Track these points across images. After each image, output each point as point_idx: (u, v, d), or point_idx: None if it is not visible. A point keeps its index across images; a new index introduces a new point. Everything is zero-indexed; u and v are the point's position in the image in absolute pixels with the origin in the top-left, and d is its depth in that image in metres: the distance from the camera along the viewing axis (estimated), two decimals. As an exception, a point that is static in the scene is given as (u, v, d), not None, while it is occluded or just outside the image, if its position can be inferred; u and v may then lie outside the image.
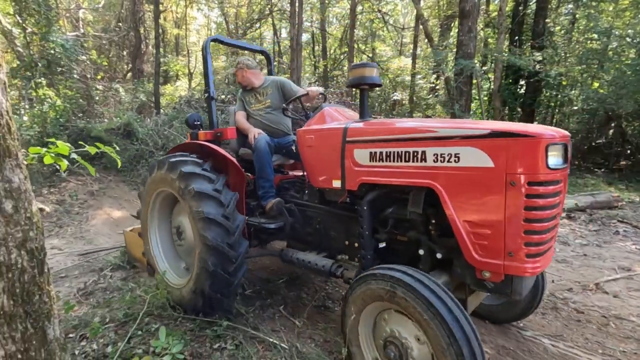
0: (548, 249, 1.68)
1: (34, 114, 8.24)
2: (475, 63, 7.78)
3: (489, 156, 1.62)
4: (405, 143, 1.92)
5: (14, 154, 1.03)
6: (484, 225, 1.66)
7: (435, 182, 1.79)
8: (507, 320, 2.59)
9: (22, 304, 1.08)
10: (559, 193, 1.65)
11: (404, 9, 21.45)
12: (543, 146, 1.52)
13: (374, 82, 2.17)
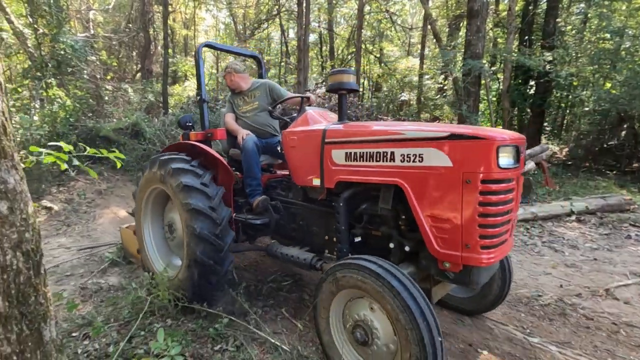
0: (503, 242, 1.84)
1: (44, 114, 8.35)
2: (483, 63, 7.68)
3: (448, 156, 1.78)
4: (376, 144, 2.08)
5: (9, 155, 1.03)
6: (444, 219, 1.82)
7: (402, 180, 1.96)
8: (477, 311, 2.72)
9: (18, 305, 1.08)
10: (511, 190, 1.80)
11: (412, 9, 21.33)
12: (494, 148, 1.67)
13: (351, 87, 2.31)
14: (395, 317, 1.63)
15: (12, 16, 9.32)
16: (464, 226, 1.76)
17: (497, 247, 1.79)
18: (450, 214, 1.79)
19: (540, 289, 3.25)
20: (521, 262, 4.00)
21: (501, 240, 1.82)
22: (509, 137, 1.75)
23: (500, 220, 1.77)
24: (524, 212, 5.54)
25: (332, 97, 10.12)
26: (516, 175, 1.84)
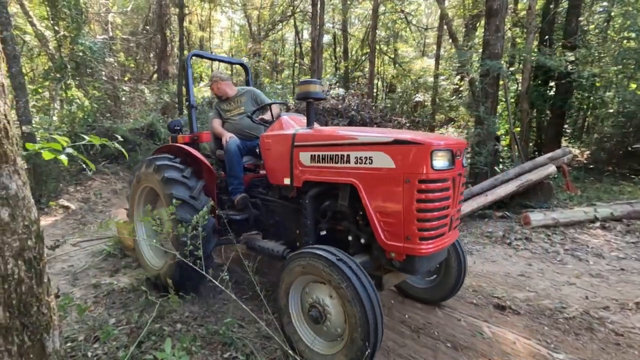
0: (441, 234, 2.11)
1: (63, 114, 8.53)
2: (502, 64, 7.46)
3: (391, 159, 2.04)
4: (336, 148, 2.35)
5: (11, 160, 0.99)
6: (389, 214, 2.09)
7: (355, 180, 2.22)
8: (434, 300, 2.97)
9: (19, 316, 1.04)
10: (446, 189, 2.06)
11: (427, 9, 21.03)
12: (428, 152, 1.93)
13: (317, 96, 2.56)
14: (344, 297, 1.86)
15: (34, 19, 9.57)
16: (404, 220, 2.03)
17: (434, 238, 2.07)
18: (393, 209, 2.07)
19: (564, 301, 3.09)
20: (542, 271, 3.83)
21: (439, 233, 2.09)
22: (444, 142, 2.02)
23: (436, 215, 2.04)
24: (545, 217, 5.34)
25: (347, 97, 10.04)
26: (452, 175, 2.09)
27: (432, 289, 2.96)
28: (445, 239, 2.15)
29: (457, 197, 2.22)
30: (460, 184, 2.23)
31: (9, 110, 0.99)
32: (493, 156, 7.40)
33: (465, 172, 2.32)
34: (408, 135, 2.07)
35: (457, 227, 2.38)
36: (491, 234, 5.08)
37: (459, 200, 2.28)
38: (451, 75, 15.54)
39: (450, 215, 2.18)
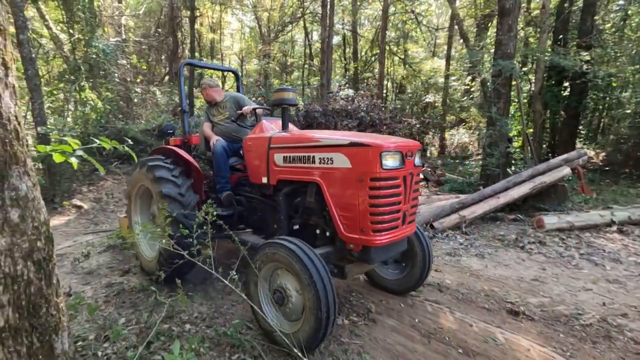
0: (393, 227, 2.34)
1: (76, 116, 8.68)
2: (515, 64, 7.33)
3: (348, 159, 2.29)
4: (303, 149, 2.59)
5: (21, 161, 0.99)
6: (347, 209, 2.34)
7: (319, 179, 2.47)
8: (403, 291, 3.16)
9: (28, 317, 1.03)
10: (397, 186, 2.29)
11: (438, 9, 20.85)
12: (377, 153, 2.16)
13: (291, 102, 2.86)
14: (302, 282, 2.07)
15: (50, 22, 9.77)
16: (359, 215, 2.27)
17: (387, 231, 2.29)
18: (350, 205, 2.31)
19: (580, 307, 3.00)
20: (557, 276, 3.73)
21: (391, 226, 2.31)
22: (394, 144, 2.26)
23: (387, 210, 2.26)
24: (559, 220, 5.22)
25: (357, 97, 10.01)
26: (402, 174, 2.32)
27: (400, 280, 3.16)
28: (398, 232, 2.39)
29: (410, 194, 2.44)
30: (414, 182, 2.45)
31: (19, 112, 0.99)
32: (505, 158, 7.27)
33: (419, 171, 2.56)
34: (363, 138, 2.32)
35: (413, 221, 2.61)
36: (503, 237, 4.98)
37: (413, 196, 2.49)
38: (462, 76, 15.36)
39: (403, 210, 2.40)
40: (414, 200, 2.52)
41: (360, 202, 2.25)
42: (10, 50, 0.95)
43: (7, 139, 0.94)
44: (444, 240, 4.94)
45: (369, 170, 2.19)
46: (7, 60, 0.94)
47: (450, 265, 4.03)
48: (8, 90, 0.95)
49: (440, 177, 9.21)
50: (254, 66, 22.35)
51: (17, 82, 1.01)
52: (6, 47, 0.93)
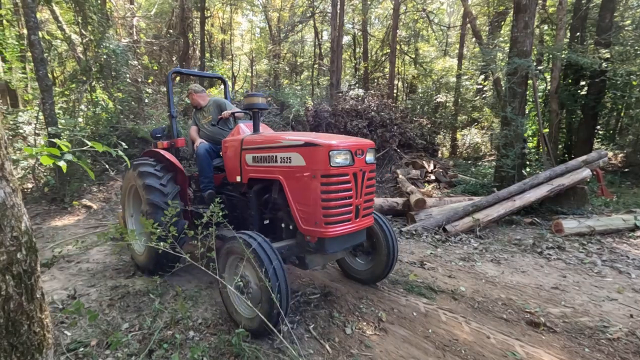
0: (345, 220, 2.56)
1: (87, 116, 8.73)
2: (531, 62, 7.09)
3: (303, 158, 2.52)
4: (268, 150, 2.84)
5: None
6: (303, 204, 2.55)
7: (280, 176, 2.71)
8: (372, 280, 3.34)
9: (7, 335, 0.94)
10: (347, 182, 2.52)
11: (449, 8, 20.53)
12: (326, 152, 2.40)
13: (261, 107, 3.14)
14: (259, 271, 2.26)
15: (64, 24, 9.87)
16: (313, 208, 2.48)
17: (338, 223, 2.52)
18: (306, 200, 2.53)
19: (605, 319, 2.82)
20: (579, 284, 3.54)
21: (343, 219, 2.53)
22: (342, 144, 2.50)
23: (338, 204, 2.49)
24: (579, 224, 5.00)
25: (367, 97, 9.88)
26: (352, 171, 2.54)
27: (368, 270, 3.33)
28: (351, 225, 2.60)
29: (362, 189, 2.64)
30: (366, 178, 2.67)
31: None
32: (520, 159, 7.04)
33: (371, 169, 2.75)
34: (317, 139, 2.52)
35: (369, 215, 2.81)
36: (520, 242, 4.79)
37: (366, 192, 2.69)
38: (475, 75, 15.05)
39: (356, 205, 2.61)
40: (367, 196, 2.72)
41: (313, 197, 2.47)
42: None
43: (-19, 140, 0.85)
44: (457, 245, 4.78)
45: (319, 167, 2.44)
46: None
47: (465, 271, 3.87)
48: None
49: (452, 178, 8.99)
50: (264, 66, 22.36)
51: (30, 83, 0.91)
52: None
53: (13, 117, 7.63)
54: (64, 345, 2.35)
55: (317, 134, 3.03)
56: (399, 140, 10.16)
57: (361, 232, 2.80)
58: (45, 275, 3.70)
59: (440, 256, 4.35)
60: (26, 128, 7.51)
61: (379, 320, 2.75)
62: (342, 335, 2.54)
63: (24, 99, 11.00)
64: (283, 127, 9.50)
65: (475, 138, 16.38)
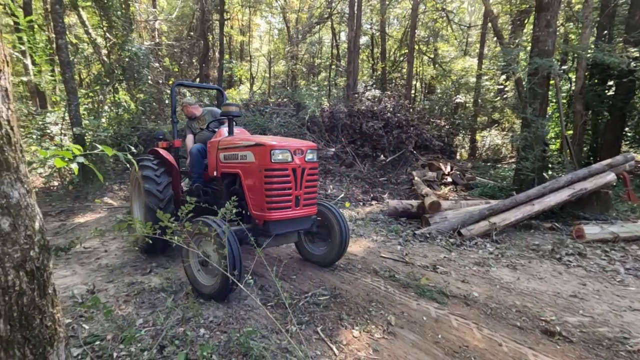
0: (286, 207, 3.15)
1: (110, 117, 9.04)
2: (553, 61, 6.87)
3: (254, 156, 3.18)
4: (233, 149, 3.48)
5: (13, 167, 0.95)
6: (253, 193, 3.19)
7: (239, 171, 3.36)
8: (327, 263, 3.83)
9: (21, 329, 1.00)
10: (286, 176, 3.12)
11: (470, 7, 20.14)
12: (269, 150, 3.03)
13: (235, 114, 3.75)
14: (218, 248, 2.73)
15: (90, 28, 10.25)
16: (260, 196, 3.11)
17: (279, 209, 3.11)
18: (255, 189, 3.18)
19: (626, 329, 2.70)
20: (599, 293, 3.41)
21: (283, 206, 3.13)
22: (282, 144, 3.13)
23: (278, 193, 3.10)
24: (602, 230, 4.82)
25: (383, 98, 9.79)
26: (291, 167, 3.14)
27: (323, 255, 3.84)
28: (291, 211, 3.19)
29: (302, 183, 3.22)
30: (306, 173, 3.25)
31: (13, 116, 0.95)
32: (541, 161, 6.83)
33: (313, 166, 3.34)
34: (263, 140, 3.17)
35: (311, 205, 3.37)
36: (538, 247, 4.65)
37: (306, 185, 3.27)
38: (495, 75, 14.70)
39: (295, 195, 3.20)
40: (308, 189, 3.29)
41: (259, 187, 3.10)
42: (4, 53, 0.92)
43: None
44: (472, 249, 4.68)
45: (264, 163, 3.06)
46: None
47: (479, 277, 3.79)
48: (0, 94, 0.91)
49: (469, 180, 8.82)
50: (282, 67, 22.53)
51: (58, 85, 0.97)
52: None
53: (41, 118, 7.97)
54: (81, 339, 2.45)
55: (270, 137, 3.59)
56: (415, 142, 10.04)
57: (305, 219, 3.38)
58: (67, 270, 3.86)
59: (454, 260, 4.28)
60: (53, 128, 7.83)
61: (388, 324, 2.74)
62: (350, 338, 2.54)
63: (52, 100, 11.49)
64: (298, 127, 9.55)
65: (495, 140, 16.00)
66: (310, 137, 9.53)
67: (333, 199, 7.38)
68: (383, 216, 6.47)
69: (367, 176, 8.89)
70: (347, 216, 6.49)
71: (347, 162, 9.34)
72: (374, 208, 7.19)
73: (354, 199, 7.61)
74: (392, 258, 4.33)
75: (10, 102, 0.94)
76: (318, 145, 9.48)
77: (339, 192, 7.82)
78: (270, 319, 2.66)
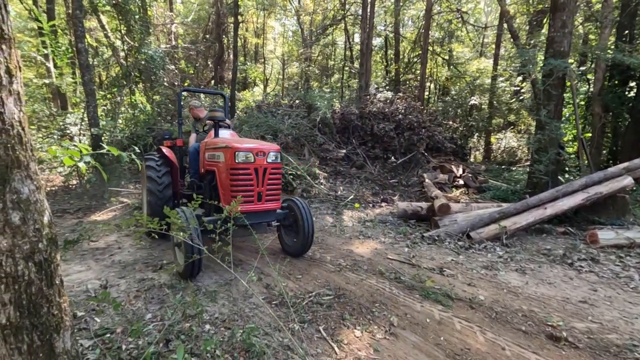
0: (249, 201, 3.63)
1: (126, 118, 9.30)
2: (569, 63, 6.73)
3: (224, 156, 3.70)
4: (212, 150, 4.02)
5: (24, 165, 1.02)
6: (223, 188, 3.72)
7: (215, 169, 3.88)
8: (298, 253, 4.23)
9: (29, 315, 1.07)
10: (248, 174, 3.63)
11: (487, 7, 19.86)
12: (233, 152, 3.57)
13: (220, 119, 4.36)
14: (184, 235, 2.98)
15: (109, 32, 10.57)
16: (227, 191, 3.65)
17: (244, 203, 3.51)
18: (224, 185, 3.72)
19: (636, 337, 2.64)
20: (610, 299, 3.34)
21: (246, 200, 3.59)
22: (245, 147, 3.66)
23: (241, 189, 3.59)
24: (617, 236, 4.70)
25: (395, 99, 9.75)
26: (253, 166, 3.65)
27: (294, 246, 4.23)
28: (254, 205, 3.69)
29: (264, 181, 3.72)
30: (268, 173, 3.75)
31: (24, 118, 1.02)
32: (555, 164, 6.69)
33: (275, 166, 3.82)
34: (231, 143, 3.71)
35: (273, 201, 3.86)
36: (549, 252, 4.57)
37: (268, 183, 3.77)
38: (511, 76, 14.45)
39: (257, 191, 3.70)
40: (269, 186, 3.79)
41: (226, 183, 3.65)
42: (17, 58, 0.99)
43: (9, 144, 0.98)
44: (481, 252, 4.63)
45: (230, 163, 3.60)
46: (12, 68, 0.98)
47: (486, 280, 3.76)
48: (12, 97, 0.99)
49: (482, 183, 8.70)
50: (295, 69, 22.69)
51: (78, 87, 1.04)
52: (11, 55, 0.97)
53: (62, 119, 8.27)
54: (92, 331, 2.55)
55: (241, 140, 4.15)
56: (427, 144, 9.97)
57: (268, 213, 3.87)
58: (82, 265, 4.01)
59: (461, 263, 4.24)
60: (73, 129, 8.11)
61: (390, 325, 2.75)
62: (352, 337, 2.56)
63: (72, 102, 11.90)
64: (310, 129, 9.61)
65: (511, 142, 15.72)
66: (321, 138, 9.58)
67: (343, 200, 7.40)
68: (392, 218, 6.45)
69: (378, 178, 8.87)
70: (357, 218, 6.51)
71: (358, 164, 9.34)
72: (384, 210, 7.17)
73: (363, 201, 7.62)
74: (398, 260, 4.33)
75: (22, 105, 1.01)
76: (329, 147, 9.52)
77: (349, 194, 7.83)
78: (274, 317, 2.71)
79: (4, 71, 0.96)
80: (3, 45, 0.95)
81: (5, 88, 0.96)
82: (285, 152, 8.47)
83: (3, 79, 0.96)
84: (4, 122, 0.96)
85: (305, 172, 7.82)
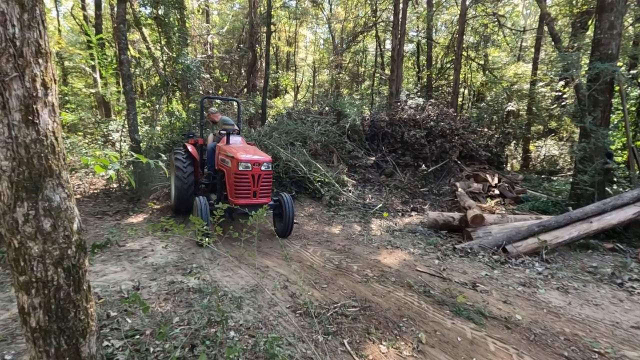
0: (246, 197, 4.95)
1: (164, 125, 9.71)
2: (617, 66, 6.27)
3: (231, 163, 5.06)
4: (223, 155, 5.25)
5: (56, 174, 1.06)
6: (229, 186, 5.09)
7: (225, 170, 5.20)
8: (282, 234, 5.30)
9: (57, 320, 1.10)
10: (247, 178, 4.91)
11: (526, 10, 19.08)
12: (237, 162, 4.87)
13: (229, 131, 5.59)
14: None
15: (150, 44, 11.15)
16: (232, 188, 4.98)
17: (243, 198, 4.91)
18: (230, 184, 5.04)
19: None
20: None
21: (245, 195, 4.92)
22: (246, 159, 4.89)
23: (242, 188, 4.90)
24: None
25: (426, 105, 9.53)
26: (251, 173, 4.90)
27: (280, 228, 5.34)
28: (250, 199, 4.93)
29: (258, 183, 4.95)
30: (261, 178, 4.96)
31: (58, 128, 1.06)
32: (602, 175, 6.23)
33: (267, 173, 5.04)
34: (237, 154, 4.90)
35: (265, 196, 5.07)
36: (596, 270, 4.23)
37: (262, 184, 4.99)
38: (552, 81, 13.71)
39: (253, 190, 4.93)
40: (262, 187, 5.01)
41: (232, 183, 4.94)
42: (52, 72, 1.04)
43: (42, 153, 1.02)
44: (518, 268, 4.37)
45: (234, 169, 4.86)
46: (47, 81, 1.02)
47: (523, 298, 3.52)
48: (47, 109, 1.03)
49: (519, 193, 8.26)
50: (326, 76, 22.84)
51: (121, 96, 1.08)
52: (47, 69, 1.02)
53: (105, 126, 8.76)
54: (123, 332, 2.64)
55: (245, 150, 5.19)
56: (460, 152, 9.63)
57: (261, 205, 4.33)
58: (117, 266, 4.18)
59: (496, 279, 4.01)
60: (115, 135, 8.58)
61: (418, 342, 2.63)
62: (377, 353, 2.47)
63: (115, 110, 12.64)
64: (339, 136, 9.58)
65: (551, 150, 14.87)
66: (350, 145, 9.52)
67: (371, 208, 7.28)
68: (422, 228, 6.26)
69: (408, 186, 8.67)
70: (385, 227, 6.38)
71: (387, 172, 9.18)
72: (413, 219, 6.98)
73: (392, 209, 7.46)
74: (428, 272, 4.17)
75: (56, 116, 1.06)
76: (358, 154, 9.45)
77: (377, 202, 7.70)
78: (297, 328, 2.68)
79: (40, 84, 1.00)
80: (40, 59, 1.00)
81: (41, 100, 1.00)
82: (314, 159, 8.49)
83: (39, 91, 1.00)
84: (38, 133, 1.00)
85: (334, 179, 7.78)
